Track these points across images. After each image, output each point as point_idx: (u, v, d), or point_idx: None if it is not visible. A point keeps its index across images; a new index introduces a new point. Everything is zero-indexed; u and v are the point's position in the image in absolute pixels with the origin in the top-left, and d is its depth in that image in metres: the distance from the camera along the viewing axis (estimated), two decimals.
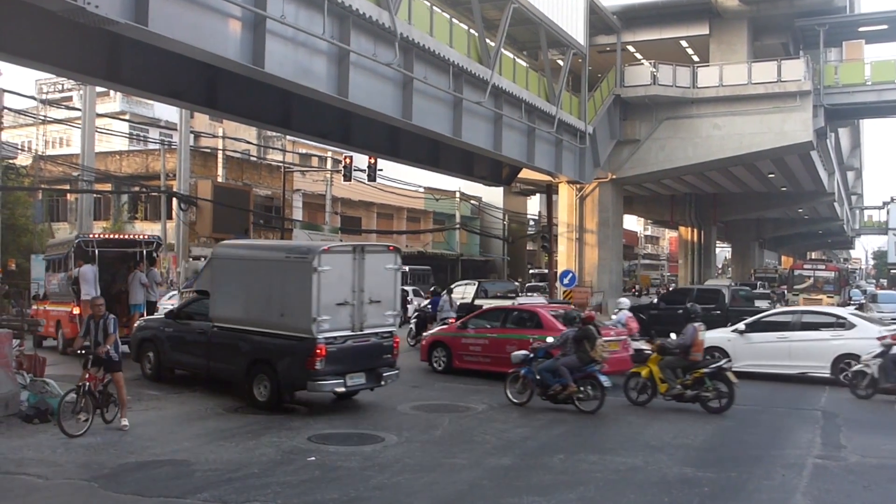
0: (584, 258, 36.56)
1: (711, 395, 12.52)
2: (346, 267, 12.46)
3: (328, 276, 12.03)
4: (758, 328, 16.90)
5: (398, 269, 13.36)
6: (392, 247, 13.90)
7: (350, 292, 12.41)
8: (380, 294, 12.85)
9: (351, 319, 12.42)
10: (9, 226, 28.54)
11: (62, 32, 14.14)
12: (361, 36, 18.07)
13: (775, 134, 33.19)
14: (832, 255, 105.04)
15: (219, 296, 13.71)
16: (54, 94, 48.44)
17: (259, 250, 14.80)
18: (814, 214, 66.42)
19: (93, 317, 10.78)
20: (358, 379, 12.49)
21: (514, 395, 13.12)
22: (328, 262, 12.10)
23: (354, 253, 12.72)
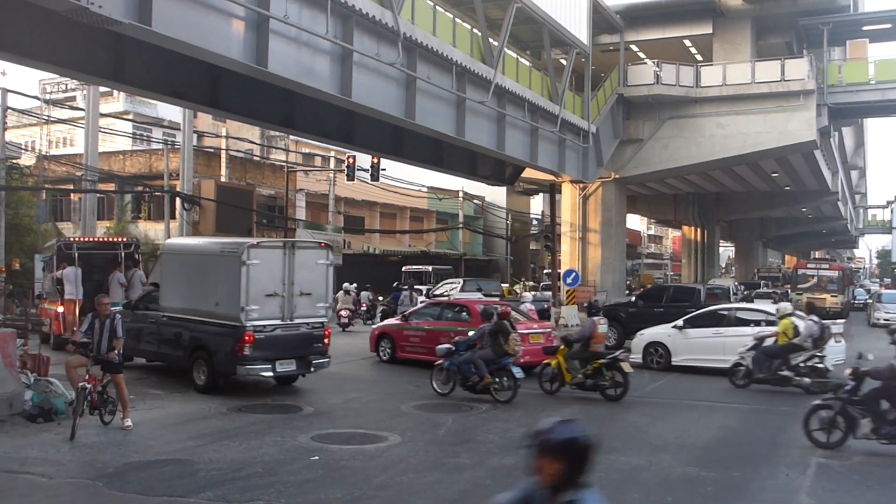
0: (587, 257, 36.55)
1: (608, 384, 13.49)
2: (276, 261, 13.57)
3: (257, 269, 13.19)
4: (695, 324, 17.58)
5: (329, 264, 14.33)
6: (323, 244, 15.10)
7: (280, 285, 13.49)
8: (311, 287, 13.88)
9: (281, 310, 13.47)
10: (12, 225, 28.58)
11: (66, 32, 14.16)
12: (364, 35, 18.07)
13: (779, 133, 33.14)
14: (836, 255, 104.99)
15: (167, 288, 15.00)
16: (58, 94, 48.50)
17: (199, 246, 16.13)
18: (817, 214, 66.34)
19: (98, 315, 10.59)
20: (288, 366, 13.52)
21: (438, 385, 13.81)
22: (257, 256, 13.32)
23: (284, 248, 13.89)
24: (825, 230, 79.25)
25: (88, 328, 10.54)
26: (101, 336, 10.43)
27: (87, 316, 10.92)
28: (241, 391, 13.86)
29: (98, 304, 10.81)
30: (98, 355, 10.45)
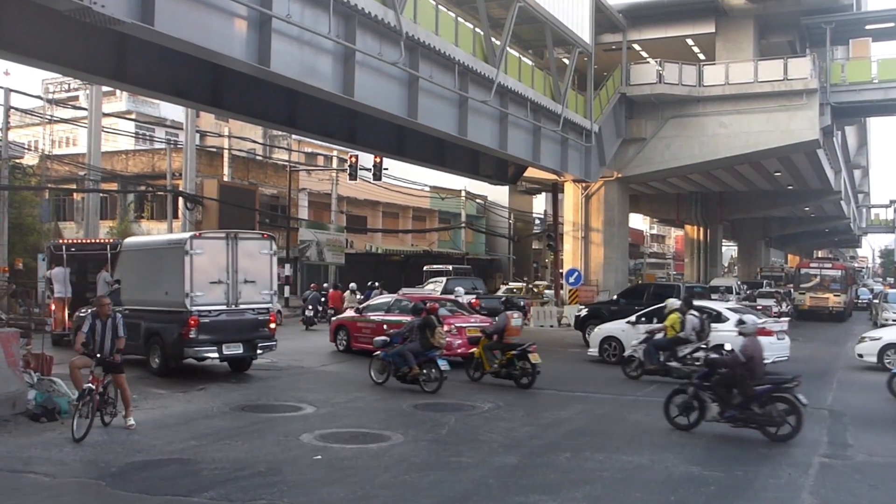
0: (589, 257, 36.53)
1: (519, 372, 14.66)
2: (220, 251, 14.73)
3: (201, 258, 14.40)
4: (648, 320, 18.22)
5: (273, 253, 15.51)
6: (266, 234, 16.28)
7: (224, 273, 14.67)
8: (255, 275, 15.09)
9: (226, 296, 14.67)
10: (16, 225, 28.63)
11: (69, 32, 14.19)
12: (367, 35, 18.07)
13: (782, 132, 33.10)
14: (839, 254, 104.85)
15: (126, 283, 16.22)
16: (60, 94, 48.62)
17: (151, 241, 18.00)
18: (820, 213, 66.24)
19: (98, 316, 10.42)
20: (235, 349, 14.78)
21: (375, 375, 14.81)
22: (200, 246, 14.50)
23: (227, 239, 14.98)
24: (828, 229, 79.13)
25: (90, 329, 10.34)
26: (104, 336, 10.29)
27: (87, 316, 10.73)
28: (243, 391, 13.88)
29: (99, 305, 10.65)
30: (101, 356, 10.28)
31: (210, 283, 14.52)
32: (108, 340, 10.29)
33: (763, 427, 10.47)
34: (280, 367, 17.07)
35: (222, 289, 14.64)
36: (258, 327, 15.10)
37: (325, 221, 45.18)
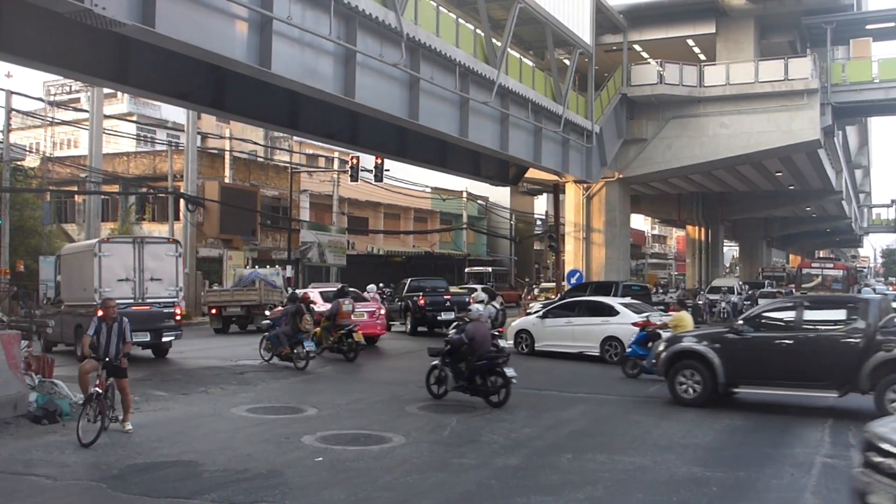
0: (591, 257, 36.52)
1: (346, 348, 17.92)
2: (127, 253, 17.48)
3: (109, 259, 17.13)
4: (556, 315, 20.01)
5: (178, 255, 18.38)
6: (172, 239, 19.60)
7: (131, 272, 17.37)
8: (161, 274, 17.79)
9: (133, 291, 17.32)
10: (17, 227, 28.66)
11: (70, 34, 14.20)
12: (368, 36, 18.09)
13: (783, 132, 33.11)
14: (840, 254, 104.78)
15: (64, 284, 19.11)
16: (62, 96, 48.66)
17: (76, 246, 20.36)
18: (822, 213, 66.22)
19: (104, 319, 10.21)
20: (142, 337, 17.03)
21: (263, 354, 17.82)
22: (108, 250, 17.34)
23: (134, 243, 17.93)
24: (829, 229, 79.11)
25: (95, 332, 10.18)
26: (108, 339, 10.12)
27: (93, 319, 10.57)
28: (244, 393, 13.89)
29: (105, 307, 10.42)
30: (107, 359, 10.09)
31: (118, 280, 17.17)
32: (113, 344, 10.13)
33: (486, 396, 12.60)
34: (280, 368, 17.08)
35: (129, 285, 17.32)
36: (163, 319, 17.69)
37: (327, 223, 45.20)
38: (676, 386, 12.99)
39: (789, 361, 12.11)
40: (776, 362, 12.22)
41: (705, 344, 12.91)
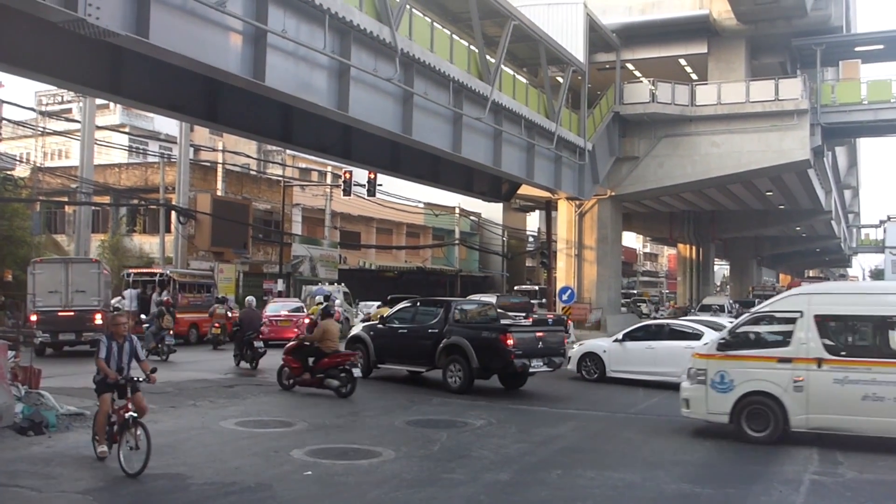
0: (583, 274, 36.58)
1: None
2: (58, 271, 21.90)
3: (41, 276, 21.71)
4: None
5: (99, 272, 22.17)
6: (95, 259, 24.45)
7: (60, 285, 21.52)
8: (85, 287, 21.69)
9: (61, 300, 21.38)
10: (6, 237, 28.49)
11: (64, 44, 14.20)
12: (362, 51, 18.15)
13: (773, 152, 33.33)
14: (829, 273, 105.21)
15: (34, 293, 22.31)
16: (54, 106, 48.55)
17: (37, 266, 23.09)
18: (811, 232, 66.59)
19: (114, 337, 9.41)
20: (68, 336, 21.25)
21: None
22: (41, 268, 22.06)
23: (63, 263, 22.66)
24: (819, 249, 79.53)
25: (106, 353, 9.25)
26: (120, 358, 9.32)
27: (102, 339, 9.61)
28: (234, 406, 13.81)
29: (114, 325, 9.62)
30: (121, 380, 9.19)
31: (49, 292, 21.47)
32: (125, 363, 9.35)
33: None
34: (271, 382, 16.99)
35: (59, 296, 21.44)
36: (86, 322, 21.19)
37: (319, 237, 45.15)
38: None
39: (403, 346, 17.07)
40: (397, 347, 17.19)
41: (364, 330, 18.27)
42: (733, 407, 11.44)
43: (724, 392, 11.53)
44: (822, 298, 11.86)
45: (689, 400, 11.98)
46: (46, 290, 21.32)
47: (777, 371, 11.24)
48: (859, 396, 10.74)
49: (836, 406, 10.88)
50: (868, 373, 10.74)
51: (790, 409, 11.09)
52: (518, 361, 15.45)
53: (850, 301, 11.80)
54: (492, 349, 15.56)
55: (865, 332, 11.75)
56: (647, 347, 17.87)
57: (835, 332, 11.52)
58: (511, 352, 15.30)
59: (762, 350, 11.65)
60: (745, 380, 11.43)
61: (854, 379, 10.78)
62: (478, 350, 15.61)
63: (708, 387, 11.68)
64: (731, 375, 11.50)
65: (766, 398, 11.29)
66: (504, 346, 15.32)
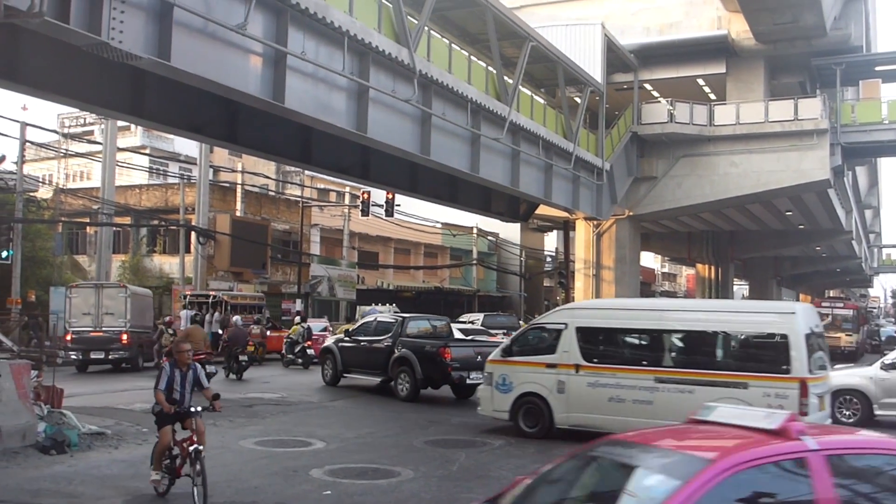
0: (601, 295, 36.38)
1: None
2: (90, 295, 24.14)
3: (76, 300, 24.10)
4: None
5: (127, 296, 24.12)
6: (122, 284, 26.14)
7: (92, 308, 23.70)
8: (113, 309, 23.64)
9: (93, 322, 23.40)
10: (29, 258, 28.80)
11: (86, 67, 14.38)
12: (381, 72, 18.27)
13: (792, 172, 33.13)
14: (850, 294, 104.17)
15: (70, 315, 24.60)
16: (76, 129, 49.17)
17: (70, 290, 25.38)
18: (832, 252, 65.99)
19: (177, 365, 8.77)
20: (98, 354, 23.06)
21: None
22: (76, 292, 24.47)
23: (95, 288, 24.58)
24: (839, 269, 78.74)
25: (167, 384, 8.64)
26: (183, 388, 8.70)
27: (163, 366, 9.03)
28: (253, 426, 13.82)
29: (177, 352, 8.95)
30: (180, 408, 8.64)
31: (82, 313, 23.65)
32: (187, 393, 8.74)
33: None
34: (290, 401, 17.02)
35: (90, 318, 23.43)
36: (114, 342, 22.85)
37: (337, 257, 45.28)
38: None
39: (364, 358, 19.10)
40: (359, 358, 19.30)
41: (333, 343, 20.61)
42: (512, 406, 13.25)
43: (505, 393, 13.33)
44: (582, 312, 13.79)
45: (480, 399, 13.99)
46: (81, 312, 23.50)
47: (545, 375, 13.00)
48: (606, 398, 12.39)
49: (590, 406, 12.56)
50: (613, 378, 12.39)
51: (555, 409, 12.88)
52: (456, 374, 17.01)
53: (604, 315, 13.58)
54: (433, 361, 17.28)
55: (614, 342, 13.27)
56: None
57: (591, 343, 13.00)
58: (449, 364, 16.93)
59: (535, 357, 13.32)
60: (521, 382, 13.20)
61: (603, 383, 12.46)
62: (421, 362, 17.44)
63: (493, 388, 13.51)
64: (511, 378, 13.30)
65: (536, 398, 13.08)
66: (443, 358, 16.99)
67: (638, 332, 13.00)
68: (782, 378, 11.29)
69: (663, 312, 13.23)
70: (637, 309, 13.83)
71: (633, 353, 12.97)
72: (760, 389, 11.35)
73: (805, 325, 11.67)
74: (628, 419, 11.65)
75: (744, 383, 11.52)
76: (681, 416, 10.95)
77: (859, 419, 15.00)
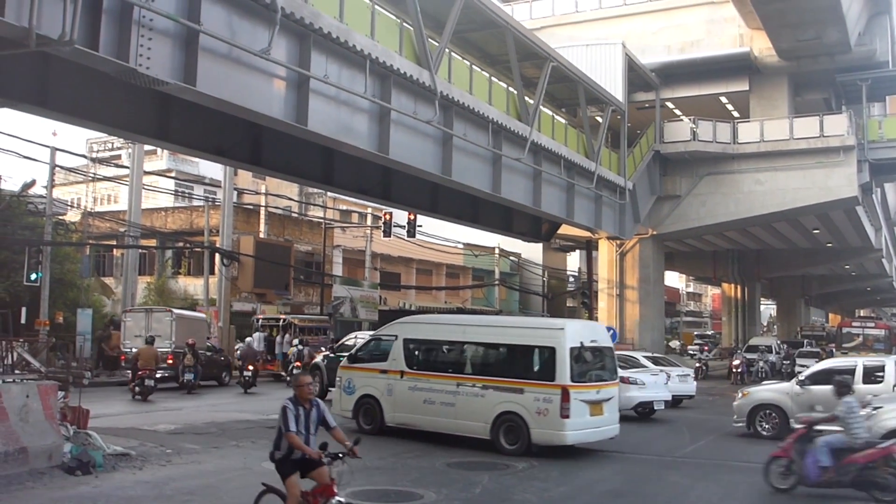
0: (625, 315, 36.17)
1: None
2: (141, 318, 26.36)
3: (130, 323, 26.44)
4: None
5: (172, 319, 25.85)
6: (168, 309, 27.37)
7: (143, 330, 25.44)
8: (161, 332, 25.20)
9: (144, 343, 23.13)
10: (57, 279, 29.14)
11: (114, 92, 14.63)
12: (402, 94, 18.40)
13: (819, 189, 32.83)
14: (881, 313, 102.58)
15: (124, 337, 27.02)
16: (104, 153, 49.89)
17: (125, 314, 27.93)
18: (861, 271, 65.13)
19: (300, 401, 7.42)
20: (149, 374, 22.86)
21: None
22: (129, 316, 26.90)
23: (146, 312, 26.89)
24: (869, 288, 77.64)
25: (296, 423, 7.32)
26: (308, 427, 7.41)
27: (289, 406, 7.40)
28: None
29: (297, 385, 7.51)
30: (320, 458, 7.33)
31: (135, 336, 25.43)
32: (311, 435, 7.48)
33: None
34: None
35: (142, 339, 24.12)
36: (159, 362, 22.34)
37: (359, 278, 45.38)
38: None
39: None
40: None
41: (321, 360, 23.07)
42: (354, 406, 15.35)
43: (350, 394, 15.49)
44: (408, 326, 15.66)
45: (333, 401, 16.01)
46: (133, 334, 25.52)
47: (378, 380, 15.09)
48: (422, 400, 14.35)
49: (410, 407, 14.54)
50: (427, 383, 14.34)
51: (385, 409, 14.91)
52: None
53: (424, 329, 15.61)
54: None
55: (429, 352, 15.14)
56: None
57: (413, 352, 14.92)
58: None
59: (372, 363, 15.41)
60: (361, 386, 15.30)
61: (420, 387, 14.41)
62: None
63: (341, 391, 15.71)
64: (354, 382, 15.47)
65: (372, 400, 15.13)
66: None
67: (446, 344, 15.00)
68: (548, 385, 13.02)
69: (466, 327, 15.14)
70: (447, 324, 16.04)
71: (442, 361, 14.87)
72: (532, 394, 13.14)
73: (574, 340, 13.35)
74: (437, 419, 14.08)
75: (521, 389, 13.29)
76: (477, 417, 13.52)
77: (778, 432, 15.53)
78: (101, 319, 31.04)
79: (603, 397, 13.74)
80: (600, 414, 13.63)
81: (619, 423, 14.43)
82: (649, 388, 19.85)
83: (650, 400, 19.78)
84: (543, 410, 12.94)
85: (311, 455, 7.21)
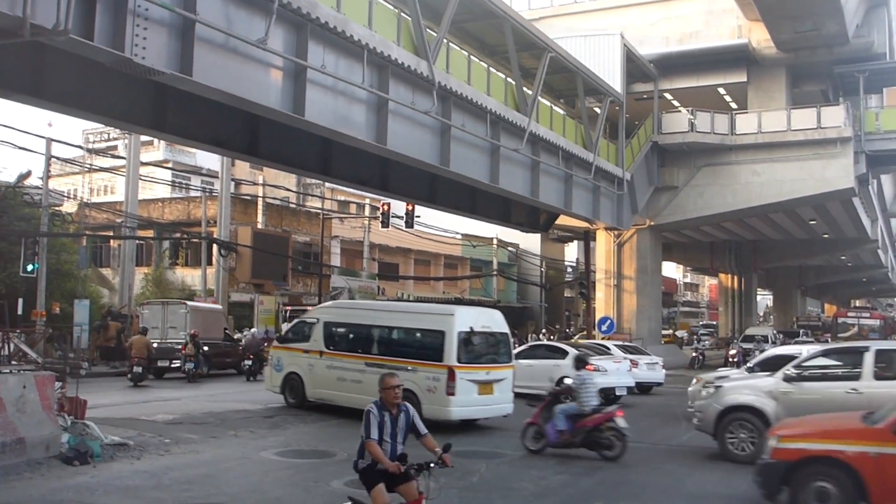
0: (622, 305, 36.26)
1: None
2: (158, 311, 26.78)
3: (148, 315, 26.62)
4: None
5: (187, 312, 26.11)
6: (183, 302, 27.95)
7: (159, 322, 25.98)
8: (176, 324, 25.64)
9: (160, 334, 25.27)
10: (54, 270, 29.10)
11: (110, 83, 14.58)
12: (400, 84, 18.37)
13: (816, 180, 32.88)
14: (877, 304, 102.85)
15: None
16: (100, 144, 49.79)
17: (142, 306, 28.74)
18: (857, 262, 65.31)
19: (386, 407, 6.70)
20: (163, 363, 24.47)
21: None
22: (147, 309, 27.38)
23: (162, 305, 27.43)
24: (865, 278, 77.89)
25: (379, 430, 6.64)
26: (395, 435, 6.76)
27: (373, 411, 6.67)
28: (273, 437, 13.86)
29: (383, 389, 6.71)
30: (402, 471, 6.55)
31: (152, 327, 25.32)
32: (399, 444, 6.79)
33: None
34: (309, 412, 17.03)
35: (158, 331, 25.36)
36: (175, 353, 24.04)
37: (358, 268, 45.39)
38: None
39: None
40: None
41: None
42: (282, 382, 16.99)
43: (279, 372, 17.12)
44: (328, 311, 17.63)
45: (265, 378, 17.97)
46: (150, 325, 25.59)
47: (302, 358, 16.64)
48: (336, 378, 15.82)
49: (327, 384, 16.06)
50: (340, 362, 15.80)
51: (307, 385, 16.53)
52: None
53: (341, 313, 17.26)
54: None
55: (344, 334, 16.54)
56: (527, 365, 19.80)
57: (331, 334, 16.42)
58: None
59: (298, 343, 16.88)
60: (288, 364, 16.93)
61: (335, 366, 15.90)
62: None
63: (272, 368, 17.46)
64: (283, 361, 17.07)
65: (296, 377, 16.74)
66: None
67: (357, 327, 16.29)
68: (437, 365, 14.25)
69: (375, 312, 16.65)
70: (361, 309, 17.74)
71: (353, 343, 16.16)
72: (424, 373, 14.37)
73: (463, 325, 14.51)
74: (349, 395, 15.32)
75: (415, 368, 14.46)
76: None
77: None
78: (98, 310, 31.02)
79: (493, 378, 14.86)
80: (490, 393, 14.80)
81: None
82: (611, 375, 20.05)
83: (612, 386, 19.95)
84: (433, 388, 14.19)
85: (388, 468, 6.36)
